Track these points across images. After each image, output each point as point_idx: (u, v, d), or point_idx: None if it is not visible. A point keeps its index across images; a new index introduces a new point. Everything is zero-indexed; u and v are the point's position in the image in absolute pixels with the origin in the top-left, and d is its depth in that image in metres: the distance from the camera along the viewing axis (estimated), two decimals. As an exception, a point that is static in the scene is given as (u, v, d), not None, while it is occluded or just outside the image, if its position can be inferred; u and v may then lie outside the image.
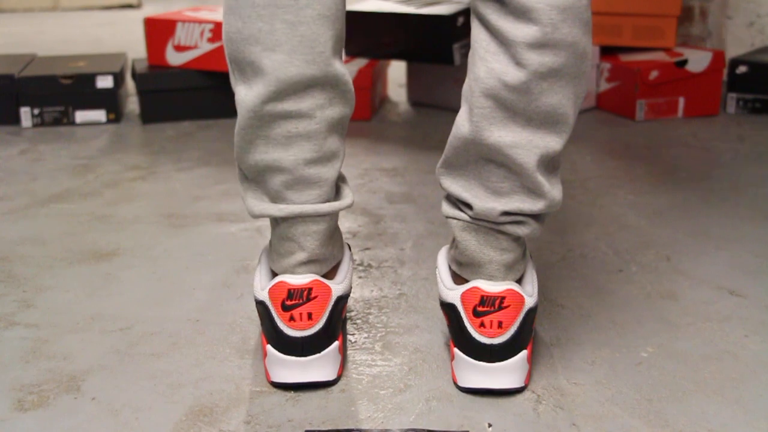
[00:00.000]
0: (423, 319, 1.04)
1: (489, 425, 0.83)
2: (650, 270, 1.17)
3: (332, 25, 0.84)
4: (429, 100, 2.17)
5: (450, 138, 0.88)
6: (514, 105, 0.83)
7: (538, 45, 0.81)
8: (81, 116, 2.04)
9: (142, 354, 0.97)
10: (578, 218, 1.37)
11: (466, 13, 1.82)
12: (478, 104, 0.84)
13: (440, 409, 0.86)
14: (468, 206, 0.89)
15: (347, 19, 1.98)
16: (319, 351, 0.88)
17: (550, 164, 0.87)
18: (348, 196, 0.92)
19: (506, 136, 0.84)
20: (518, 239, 0.90)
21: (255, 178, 0.89)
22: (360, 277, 1.16)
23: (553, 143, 0.85)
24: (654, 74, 1.97)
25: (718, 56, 2.02)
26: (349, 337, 1.00)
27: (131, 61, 2.19)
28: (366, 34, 1.97)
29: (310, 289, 0.86)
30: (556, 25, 0.80)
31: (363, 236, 1.31)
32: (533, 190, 0.86)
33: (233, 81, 0.88)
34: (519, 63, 0.82)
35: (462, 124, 0.86)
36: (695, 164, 1.65)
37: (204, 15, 2.06)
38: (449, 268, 0.95)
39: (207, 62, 2.00)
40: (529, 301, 0.87)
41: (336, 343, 0.89)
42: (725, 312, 1.05)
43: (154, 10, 4.28)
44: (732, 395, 0.87)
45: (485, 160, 0.86)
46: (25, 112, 2.01)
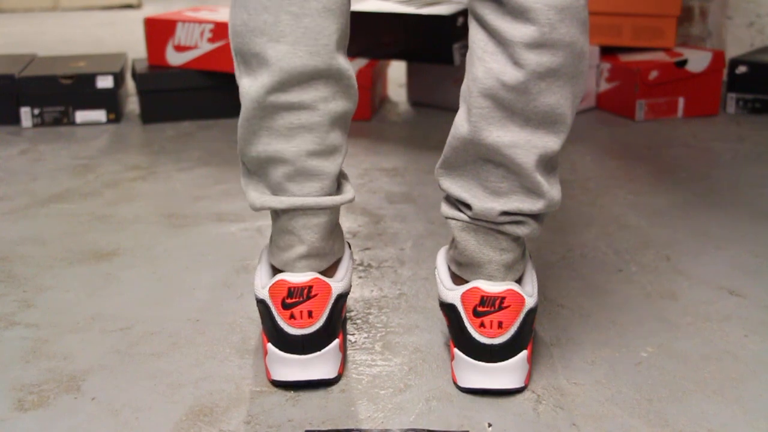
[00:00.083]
0: (423, 319, 1.04)
1: (489, 425, 0.83)
2: (650, 270, 1.17)
3: (336, 19, 0.85)
4: (429, 100, 2.17)
5: (449, 138, 0.88)
6: (513, 105, 0.83)
7: (536, 45, 0.81)
8: (81, 116, 2.04)
9: (142, 354, 0.97)
10: (578, 218, 1.37)
11: (466, 13, 1.82)
12: (477, 104, 0.84)
13: (440, 409, 0.86)
14: (467, 206, 0.89)
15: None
16: (320, 349, 0.88)
17: (549, 164, 0.87)
18: (349, 192, 0.92)
19: (505, 136, 0.84)
20: (518, 239, 0.90)
21: (257, 172, 0.89)
22: (360, 277, 1.16)
23: (552, 143, 0.85)
24: (654, 74, 1.97)
25: (718, 56, 2.02)
26: (349, 337, 1.00)
27: (131, 61, 2.19)
28: (366, 34, 1.97)
29: (311, 287, 0.86)
30: (554, 25, 0.81)
31: (363, 236, 1.31)
32: (532, 190, 0.86)
33: (238, 74, 0.88)
34: (517, 63, 0.82)
35: (460, 125, 0.86)
36: (695, 164, 1.65)
37: (204, 15, 2.06)
38: (448, 269, 0.95)
39: (207, 62, 2.00)
40: (530, 302, 0.87)
41: (336, 341, 0.89)
42: (725, 312, 1.05)
43: (155, 10, 4.28)
44: (732, 395, 0.87)
45: (484, 161, 0.86)
46: (26, 112, 2.01)
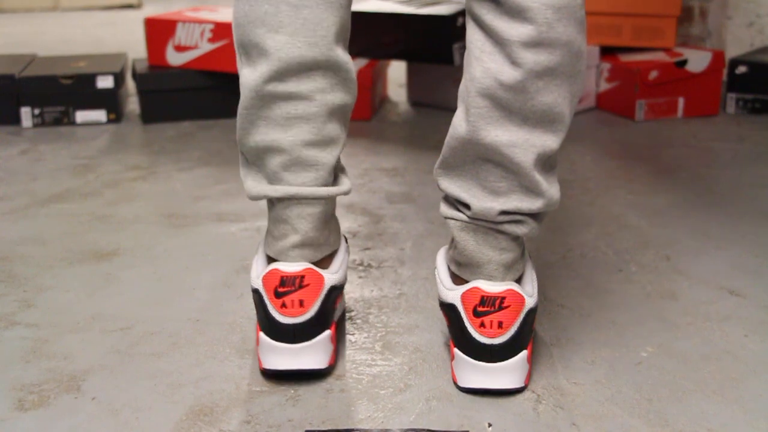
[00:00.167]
0: (423, 319, 1.04)
1: (489, 425, 0.83)
2: (650, 270, 1.17)
3: (336, 12, 0.86)
4: (429, 100, 2.17)
5: (447, 138, 0.88)
6: (510, 104, 0.83)
7: (534, 44, 0.81)
8: (81, 116, 2.04)
9: (143, 354, 0.97)
10: (578, 218, 1.37)
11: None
12: (475, 104, 0.84)
13: (440, 409, 0.86)
14: (466, 206, 0.89)
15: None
16: (310, 338, 0.88)
17: (548, 163, 0.87)
18: (345, 184, 0.93)
19: (503, 136, 0.84)
20: (517, 239, 0.90)
21: (255, 161, 0.90)
22: (360, 277, 1.16)
23: (550, 142, 0.85)
24: (654, 74, 1.97)
25: (718, 56, 2.02)
26: (349, 337, 1.00)
27: (131, 61, 2.19)
28: (366, 34, 1.97)
29: (303, 277, 0.87)
30: (551, 24, 0.81)
31: (363, 236, 1.31)
32: (531, 189, 0.86)
33: (239, 66, 0.90)
34: (514, 62, 0.82)
35: (459, 125, 0.86)
36: (695, 164, 1.65)
37: (204, 15, 2.06)
38: (448, 269, 0.95)
39: (207, 62, 2.00)
40: (530, 302, 0.87)
41: (328, 332, 0.90)
42: (725, 312, 1.05)
43: (155, 10, 4.28)
44: (732, 395, 0.87)
45: (482, 160, 0.86)
46: (26, 112, 2.01)
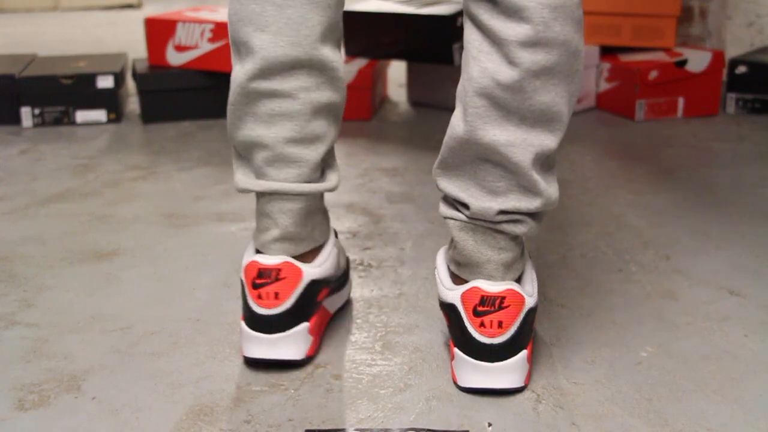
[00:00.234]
0: (423, 319, 1.04)
1: (489, 425, 0.83)
2: (650, 270, 1.18)
3: (322, 12, 0.88)
4: (429, 100, 2.17)
5: (445, 138, 0.89)
6: (508, 104, 0.83)
7: (530, 43, 0.81)
8: (81, 116, 2.04)
9: (143, 354, 0.97)
10: (578, 218, 1.37)
11: (466, 13, 1.82)
12: (472, 104, 0.84)
13: (440, 409, 0.86)
14: (465, 206, 0.89)
15: (347, 19, 1.98)
16: (285, 330, 0.91)
17: (546, 162, 0.87)
18: (331, 181, 0.94)
19: (501, 135, 0.84)
20: (516, 238, 0.90)
21: (245, 155, 0.93)
22: (360, 277, 1.16)
23: (548, 141, 0.85)
24: (654, 74, 1.97)
25: (718, 56, 2.02)
26: (349, 337, 1.00)
27: (132, 61, 2.19)
28: (366, 34, 1.97)
29: (279, 270, 0.90)
30: (548, 24, 0.81)
31: (363, 236, 1.31)
32: (529, 189, 0.86)
33: (233, 62, 0.92)
34: (511, 62, 0.82)
35: (457, 125, 0.87)
36: (695, 164, 1.65)
37: (204, 15, 2.06)
38: (448, 269, 0.95)
39: (207, 62, 2.00)
40: (530, 301, 0.87)
41: (306, 324, 0.92)
42: (725, 312, 1.05)
43: (155, 10, 4.28)
44: (732, 395, 0.87)
45: (481, 160, 0.87)
46: (26, 112, 2.01)
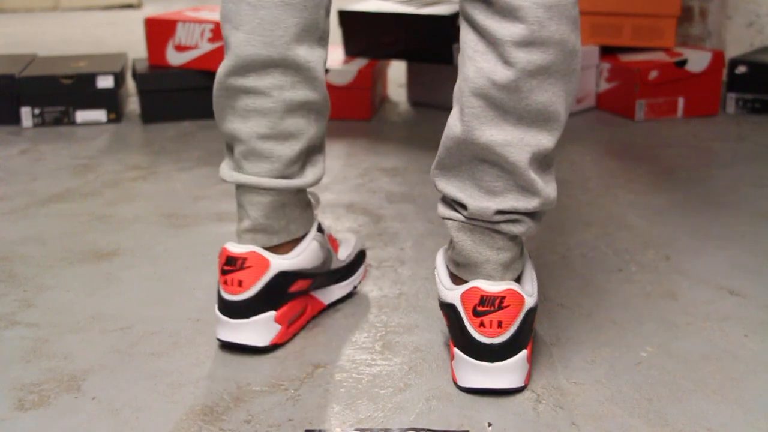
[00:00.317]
0: (423, 319, 1.04)
1: (489, 425, 0.83)
2: (650, 270, 1.18)
3: (297, 13, 0.90)
4: (429, 100, 2.17)
5: (443, 139, 0.89)
6: (504, 104, 0.83)
7: (525, 43, 0.81)
8: (81, 116, 2.04)
9: (143, 354, 0.97)
10: (578, 218, 1.37)
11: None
12: (469, 104, 0.84)
13: (440, 409, 0.86)
14: (463, 206, 0.89)
15: (347, 19, 1.98)
16: (248, 317, 0.94)
17: (543, 162, 0.87)
18: (307, 177, 0.96)
19: (497, 135, 0.84)
20: (515, 238, 0.90)
21: (229, 147, 0.97)
22: (360, 277, 1.16)
23: (545, 141, 0.85)
24: (654, 74, 1.97)
25: (718, 56, 2.02)
26: (349, 337, 1.00)
27: (132, 61, 2.19)
28: (366, 34, 1.97)
29: (245, 259, 0.94)
30: (543, 23, 0.81)
31: (363, 236, 1.31)
32: (527, 189, 0.86)
33: None
34: (507, 62, 0.82)
35: (454, 125, 0.87)
36: (695, 164, 1.65)
37: (204, 15, 2.06)
38: (447, 269, 0.95)
39: (207, 62, 2.00)
40: (529, 301, 0.87)
41: (271, 314, 0.95)
42: (725, 312, 1.05)
43: (155, 10, 4.29)
44: (732, 395, 0.87)
45: (478, 160, 0.87)
46: (26, 112, 2.01)
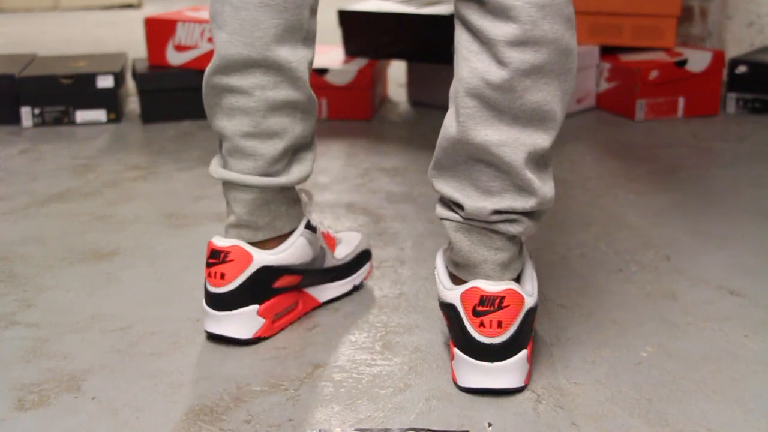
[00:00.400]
0: (423, 319, 1.04)
1: (489, 425, 0.83)
2: (650, 270, 1.17)
3: (277, 15, 0.91)
4: (429, 100, 2.17)
5: (439, 140, 0.89)
6: (499, 103, 0.83)
7: (518, 43, 0.81)
8: (81, 116, 2.04)
9: (143, 354, 0.97)
10: (578, 218, 1.37)
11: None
12: (464, 104, 0.84)
13: (440, 409, 0.86)
14: (460, 207, 0.89)
15: (347, 19, 1.98)
16: (230, 309, 0.96)
17: (540, 161, 0.87)
18: (293, 175, 0.98)
19: (493, 135, 0.84)
20: (513, 238, 0.90)
21: (220, 144, 0.99)
22: (360, 277, 1.16)
23: (541, 140, 0.85)
24: (654, 74, 1.97)
25: (718, 56, 2.02)
26: (349, 337, 1.00)
27: (132, 61, 2.19)
28: (366, 34, 1.97)
29: (228, 253, 0.96)
30: (536, 22, 0.81)
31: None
32: (523, 188, 0.86)
33: None
34: (501, 61, 0.82)
35: (449, 125, 0.87)
36: (695, 164, 1.65)
37: (204, 15, 2.06)
38: (447, 269, 0.95)
39: (207, 62, 1.99)
40: (529, 301, 0.87)
41: (254, 307, 0.97)
42: (725, 312, 1.05)
43: (155, 10, 4.28)
44: (732, 395, 0.87)
45: (474, 160, 0.86)
46: (26, 112, 2.01)
